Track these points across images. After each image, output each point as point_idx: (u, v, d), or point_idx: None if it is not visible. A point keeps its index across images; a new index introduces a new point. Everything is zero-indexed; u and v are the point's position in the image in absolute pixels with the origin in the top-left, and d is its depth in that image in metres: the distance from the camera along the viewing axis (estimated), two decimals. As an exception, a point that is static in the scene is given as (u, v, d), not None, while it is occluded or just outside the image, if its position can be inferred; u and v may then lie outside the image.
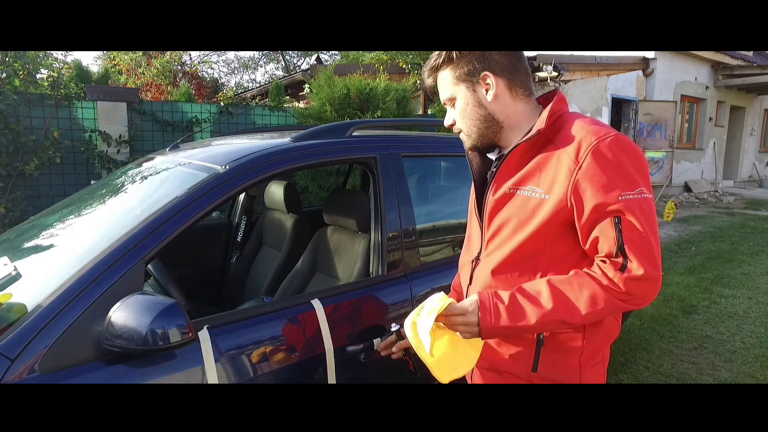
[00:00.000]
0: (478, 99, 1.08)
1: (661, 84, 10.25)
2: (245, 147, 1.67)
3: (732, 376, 2.94)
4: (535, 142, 1.03)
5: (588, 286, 0.97)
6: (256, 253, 2.77)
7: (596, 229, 0.96)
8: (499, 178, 1.08)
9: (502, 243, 1.08)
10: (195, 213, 1.37)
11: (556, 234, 1.02)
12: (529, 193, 1.03)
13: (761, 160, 14.66)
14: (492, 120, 1.08)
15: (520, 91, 1.08)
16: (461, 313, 1.02)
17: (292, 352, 1.45)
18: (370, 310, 1.65)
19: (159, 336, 1.11)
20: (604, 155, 0.95)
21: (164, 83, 8.81)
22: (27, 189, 4.34)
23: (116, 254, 1.23)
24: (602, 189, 0.94)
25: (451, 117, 1.14)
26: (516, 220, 1.04)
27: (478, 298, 1.02)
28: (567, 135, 1.00)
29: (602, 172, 0.95)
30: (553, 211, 0.99)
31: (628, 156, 0.97)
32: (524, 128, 1.09)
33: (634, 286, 0.95)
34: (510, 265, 1.07)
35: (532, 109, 1.10)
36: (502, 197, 1.07)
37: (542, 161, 1.02)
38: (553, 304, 0.97)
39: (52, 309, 1.12)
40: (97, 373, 1.14)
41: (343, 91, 4.83)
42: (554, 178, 0.99)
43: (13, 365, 1.05)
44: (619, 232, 0.94)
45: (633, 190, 0.95)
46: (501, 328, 0.99)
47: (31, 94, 4.30)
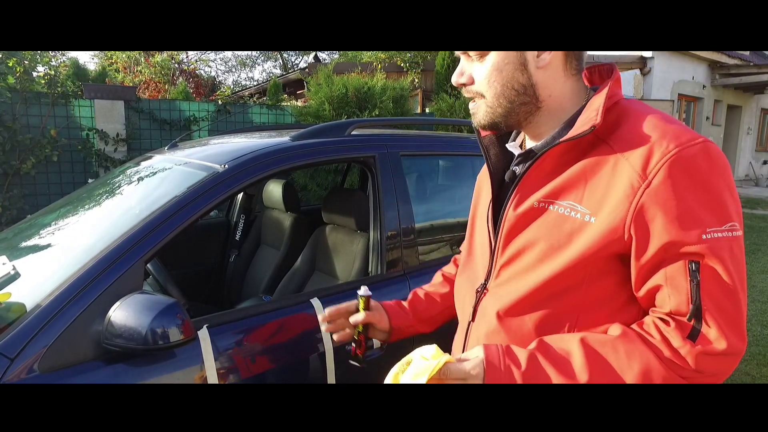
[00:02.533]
0: (525, 60, 0.78)
1: (659, 83, 10.28)
2: (244, 146, 1.67)
3: (729, 374, 2.96)
4: (582, 140, 0.75)
5: (640, 356, 0.70)
6: (254, 252, 2.77)
7: (660, 274, 0.70)
8: (525, 186, 0.80)
9: (522, 273, 0.80)
10: (194, 212, 1.37)
11: (598, 269, 0.74)
12: (567, 211, 0.75)
13: (758, 159, 14.72)
14: (532, 95, 0.79)
15: (575, 64, 0.81)
16: (461, 378, 0.73)
17: (291, 351, 1.45)
18: (369, 309, 1.65)
19: (159, 335, 1.11)
20: (687, 171, 0.68)
21: (162, 81, 8.78)
22: (24, 187, 4.33)
23: (116, 253, 1.23)
24: (679, 220, 0.67)
25: (468, 73, 0.82)
26: (544, 245, 0.77)
27: (484, 358, 0.73)
28: (630, 135, 0.73)
29: (682, 196, 0.67)
30: (600, 240, 0.72)
31: (722, 174, 0.69)
32: (565, 115, 0.81)
33: (708, 364, 0.68)
34: (529, 306, 0.79)
35: (581, 90, 0.82)
36: (528, 212, 0.79)
37: (590, 168, 0.74)
38: (589, 375, 0.70)
39: (51, 308, 1.12)
40: (96, 372, 1.14)
41: (342, 90, 4.82)
42: (606, 194, 0.72)
43: (12, 365, 1.05)
44: (696, 284, 0.67)
45: (723, 225, 0.68)
46: None
47: (27, 92, 4.28)
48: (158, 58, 8.95)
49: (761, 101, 14.09)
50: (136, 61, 9.16)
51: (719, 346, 0.67)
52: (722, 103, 12.49)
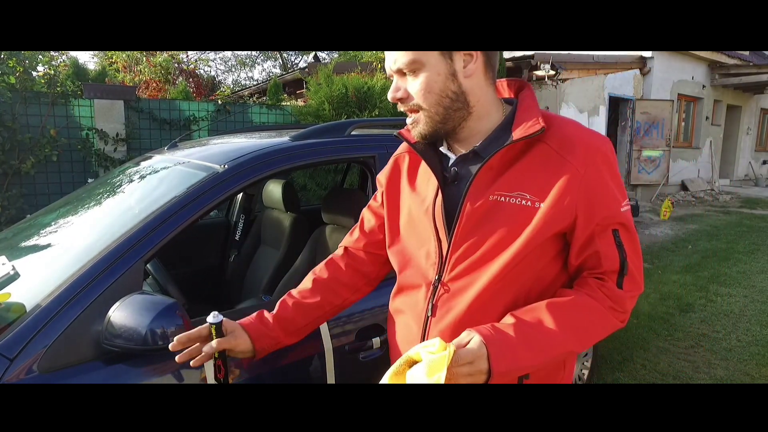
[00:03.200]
0: (454, 70, 0.87)
1: (658, 83, 10.28)
2: (244, 146, 1.67)
3: (728, 374, 2.96)
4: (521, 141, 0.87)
5: (593, 309, 0.86)
6: (254, 251, 2.76)
7: (595, 242, 0.87)
8: (478, 184, 0.89)
9: (482, 263, 0.88)
10: (194, 212, 1.37)
11: (542, 247, 0.88)
12: (518, 201, 0.87)
13: (757, 159, 14.73)
14: (464, 101, 0.88)
15: (491, 75, 0.91)
16: (468, 362, 0.78)
17: (291, 351, 1.45)
18: (369, 309, 1.65)
19: (158, 335, 1.11)
20: (607, 162, 0.88)
21: (162, 81, 8.78)
22: (23, 187, 4.33)
23: (115, 254, 1.23)
24: (608, 199, 0.87)
25: (403, 88, 0.89)
26: (501, 234, 0.87)
27: (482, 339, 0.80)
28: (562, 136, 0.88)
29: (606, 181, 0.87)
30: (548, 221, 0.85)
31: (617, 163, 0.92)
32: (492, 120, 0.92)
33: (630, 304, 0.89)
34: (494, 291, 0.88)
35: (496, 99, 0.95)
36: (482, 206, 0.88)
37: (532, 164, 0.88)
38: (563, 334, 0.83)
39: (51, 308, 1.12)
40: (96, 372, 1.14)
41: (342, 90, 4.83)
42: (549, 183, 0.86)
43: (12, 365, 1.05)
44: (621, 246, 0.87)
45: (624, 200, 0.89)
46: (515, 369, 0.81)
47: (27, 92, 4.28)
48: (159, 58, 8.94)
49: (761, 101, 14.10)
50: (136, 60, 9.16)
51: (636, 290, 0.89)
52: (722, 103, 12.50)
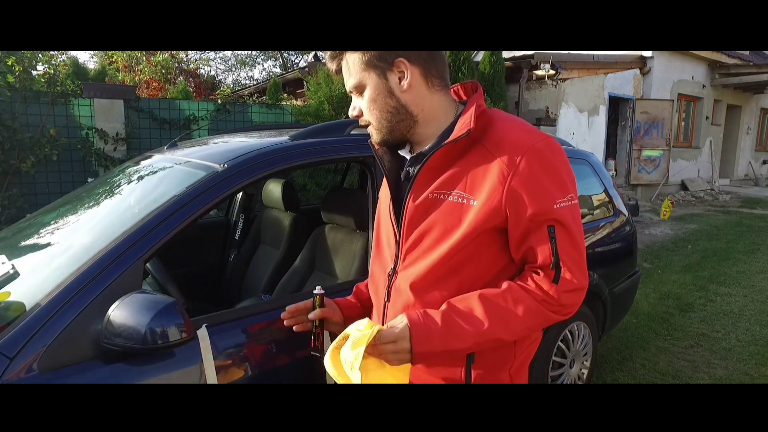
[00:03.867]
0: (390, 88, 0.96)
1: (658, 82, 10.28)
2: (243, 145, 1.67)
3: (727, 373, 2.97)
4: (460, 142, 0.94)
5: (523, 301, 0.92)
6: (254, 251, 2.76)
7: (530, 237, 0.92)
8: (419, 182, 0.97)
9: (424, 254, 0.97)
10: (193, 211, 1.37)
11: (483, 242, 0.94)
12: (455, 199, 0.94)
13: (757, 158, 14.73)
14: (405, 112, 0.97)
15: (437, 81, 0.98)
16: (392, 341, 0.89)
17: (290, 350, 1.45)
18: (369, 309, 1.65)
19: (158, 334, 1.11)
20: (540, 160, 0.91)
21: (162, 80, 8.78)
22: (23, 186, 4.33)
23: (115, 253, 1.23)
24: (539, 197, 0.90)
25: (357, 107, 1.01)
26: (440, 229, 0.95)
27: (407, 322, 0.90)
28: (497, 136, 0.94)
29: (539, 179, 0.90)
30: (482, 218, 0.91)
31: (561, 161, 0.94)
32: (441, 123, 0.99)
33: (567, 297, 0.92)
34: (435, 279, 0.96)
35: (449, 103, 1.01)
36: (424, 203, 0.97)
37: (470, 163, 0.94)
38: (489, 323, 0.90)
39: (50, 307, 1.12)
40: (95, 371, 1.14)
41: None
42: (483, 182, 0.92)
43: (11, 364, 1.05)
44: (554, 242, 0.91)
45: (565, 197, 0.92)
46: (435, 352, 0.90)
47: (27, 91, 4.28)
48: (159, 58, 8.94)
49: (761, 101, 14.09)
50: (137, 60, 9.16)
51: (573, 284, 0.92)
52: (722, 102, 12.49)
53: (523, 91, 7.79)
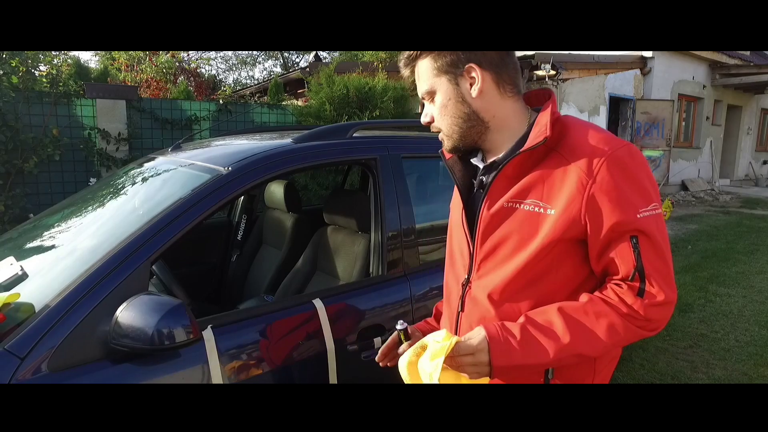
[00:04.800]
0: (462, 94, 0.96)
1: (659, 83, 10.29)
2: (247, 148, 1.69)
3: (726, 374, 2.99)
4: (536, 150, 0.92)
5: (605, 315, 0.88)
6: (256, 251, 2.79)
7: (611, 248, 0.88)
8: (494, 191, 0.96)
9: (500, 263, 0.96)
10: (199, 214, 1.39)
11: (562, 252, 0.92)
12: (532, 207, 0.92)
13: (757, 159, 14.74)
14: (476, 119, 0.97)
15: (509, 87, 0.98)
16: (470, 353, 0.88)
17: (293, 350, 1.48)
18: (371, 310, 1.68)
19: (165, 336, 1.14)
20: (620, 168, 0.88)
21: (163, 80, 8.79)
22: (26, 186, 4.35)
23: (122, 255, 1.25)
24: (620, 206, 0.86)
25: (429, 113, 1.02)
26: (517, 238, 0.94)
27: (486, 334, 0.89)
28: (574, 144, 0.91)
29: (619, 187, 0.87)
30: (561, 227, 0.89)
31: (643, 168, 0.90)
32: (514, 130, 0.99)
33: (654, 312, 0.88)
34: (512, 290, 0.95)
35: (521, 109, 1.00)
36: (499, 212, 0.96)
37: (546, 172, 0.92)
38: (571, 337, 0.87)
39: (59, 309, 1.15)
40: (104, 371, 1.16)
41: (343, 90, 4.84)
42: (561, 191, 0.90)
43: (22, 364, 1.07)
44: (637, 253, 0.87)
45: (648, 205, 0.88)
46: (515, 366, 0.88)
47: (29, 92, 4.29)
48: (162, 58, 8.95)
49: (761, 101, 14.10)
50: (139, 60, 9.17)
51: (660, 297, 0.87)
52: (722, 103, 12.50)
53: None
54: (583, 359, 0.91)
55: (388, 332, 1.66)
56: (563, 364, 0.91)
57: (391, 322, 1.69)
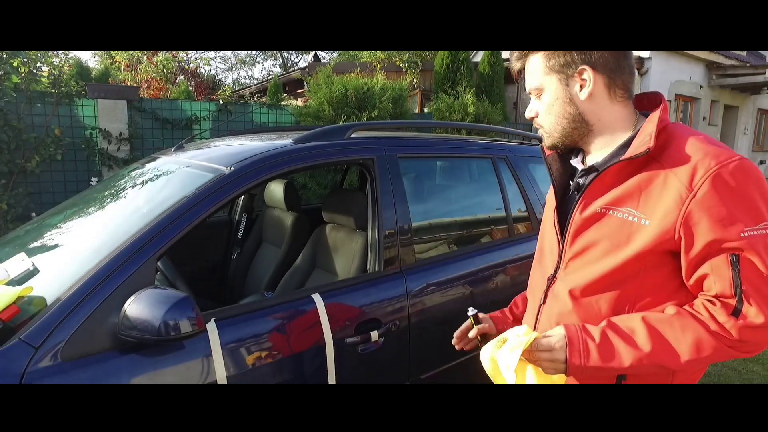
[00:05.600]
0: (570, 95, 0.96)
1: (656, 83, 10.35)
2: (248, 148, 1.75)
3: (716, 369, 3.05)
4: (637, 159, 0.91)
5: (692, 330, 0.86)
6: (256, 249, 2.84)
7: (706, 265, 0.86)
8: (589, 195, 0.96)
9: (587, 264, 0.97)
10: (202, 212, 1.45)
11: (653, 262, 0.91)
12: (626, 216, 0.91)
13: (754, 159, 14.80)
14: (581, 121, 0.98)
15: (620, 92, 0.97)
16: (548, 350, 0.91)
17: (293, 343, 1.53)
18: (368, 305, 1.73)
19: (171, 327, 1.19)
20: (726, 183, 0.84)
21: (163, 80, 8.84)
22: (29, 186, 4.40)
23: (130, 251, 1.31)
24: (721, 223, 0.83)
25: (534, 109, 1.03)
26: (607, 244, 0.93)
27: (565, 333, 0.92)
28: (678, 155, 0.88)
29: (722, 203, 0.83)
30: (654, 240, 0.88)
31: (755, 184, 0.85)
32: (617, 135, 0.98)
33: (749, 335, 0.84)
34: (593, 290, 0.95)
35: (629, 114, 0.99)
36: (591, 216, 0.96)
37: (644, 181, 0.90)
38: (652, 347, 0.87)
39: (71, 301, 1.20)
40: (113, 361, 1.22)
41: (341, 91, 4.90)
42: (659, 202, 0.88)
43: (36, 353, 1.13)
44: (736, 272, 0.83)
45: (758, 224, 0.84)
46: (590, 368, 0.89)
47: (31, 92, 4.35)
48: (161, 57, 9.01)
49: (758, 101, 14.17)
50: (138, 59, 9.22)
51: (758, 320, 0.83)
52: (719, 103, 12.57)
53: (522, 92, 7.86)
54: (665, 371, 0.90)
55: (385, 326, 1.72)
56: (642, 372, 0.91)
57: (388, 317, 1.75)
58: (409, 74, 8.25)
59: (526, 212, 2.40)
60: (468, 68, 6.69)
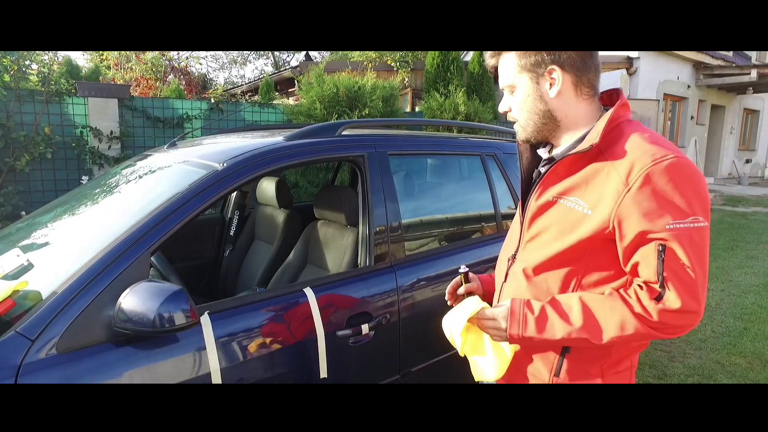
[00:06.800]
0: (540, 93, 1.04)
1: (645, 83, 10.48)
2: (241, 146, 1.77)
3: (700, 362, 3.12)
4: (586, 152, 0.99)
5: (619, 310, 0.95)
6: (248, 246, 2.87)
7: (638, 253, 0.94)
8: (544, 184, 1.07)
9: (540, 247, 1.07)
10: (195, 207, 1.47)
11: (595, 247, 1.00)
12: (573, 205, 1.01)
13: (740, 157, 15.02)
14: (551, 117, 1.05)
15: (586, 90, 1.04)
16: (492, 318, 1.06)
17: (286, 336, 1.56)
18: (359, 299, 1.77)
19: (166, 319, 1.21)
20: (658, 180, 0.91)
21: (153, 78, 8.80)
22: (18, 184, 4.38)
23: (124, 245, 1.33)
24: (649, 216, 0.91)
25: (507, 104, 1.11)
26: (556, 229, 1.03)
27: (509, 306, 1.04)
28: (621, 151, 0.96)
29: (652, 198, 0.91)
30: (594, 229, 0.97)
31: (687, 181, 0.92)
32: (581, 130, 1.06)
33: (668, 317, 0.93)
34: (545, 269, 1.06)
35: (594, 111, 1.07)
36: (544, 204, 1.06)
37: (591, 174, 0.99)
38: (582, 323, 0.97)
39: (67, 295, 1.22)
40: (108, 353, 1.24)
41: (333, 90, 4.92)
42: (600, 194, 0.97)
43: (33, 345, 1.15)
44: (661, 260, 0.91)
45: (685, 218, 0.91)
46: (527, 338, 1.01)
47: (21, 90, 4.32)
48: (149, 56, 8.96)
49: (744, 101, 14.39)
50: (126, 57, 9.16)
51: (675, 305, 0.92)
52: (706, 102, 12.75)
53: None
54: (590, 345, 0.99)
55: (376, 319, 1.75)
56: (572, 345, 1.03)
57: (378, 311, 1.78)
58: (401, 73, 8.28)
59: (514, 208, 2.44)
60: (458, 67, 6.74)
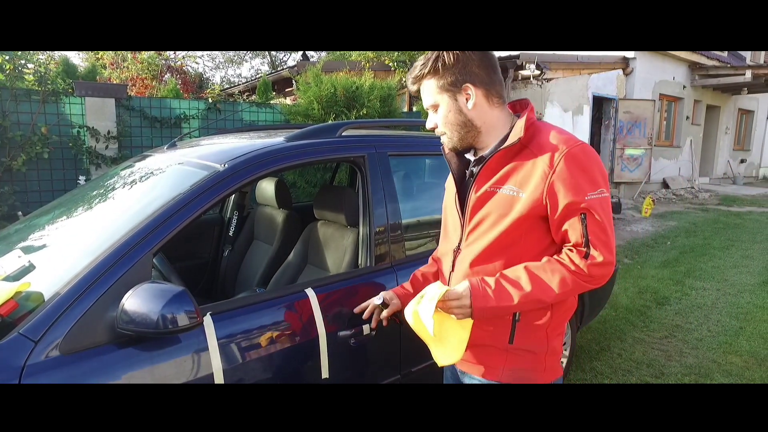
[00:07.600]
0: (459, 107, 1.23)
1: (641, 83, 10.52)
2: (241, 146, 1.77)
3: (697, 361, 3.14)
4: (513, 147, 1.19)
5: (559, 271, 1.16)
6: (247, 247, 2.86)
7: (566, 223, 1.15)
8: (481, 179, 1.24)
9: (482, 234, 1.23)
10: (197, 209, 1.47)
11: (529, 226, 1.19)
12: (508, 192, 1.19)
13: (735, 157, 15.11)
14: (471, 125, 1.24)
15: (496, 99, 1.24)
16: (456, 298, 1.18)
17: (287, 336, 1.56)
18: (360, 299, 1.77)
19: (169, 320, 1.21)
20: (574, 161, 1.14)
21: (149, 78, 8.76)
22: (15, 184, 4.35)
23: (127, 246, 1.33)
24: (573, 190, 1.12)
25: (433, 121, 1.29)
26: (495, 215, 1.21)
27: (469, 284, 1.19)
28: (541, 142, 1.18)
29: (572, 176, 1.13)
30: (527, 207, 1.16)
31: (593, 161, 1.16)
32: (499, 132, 1.25)
33: (595, 270, 1.14)
34: (490, 253, 1.23)
35: (506, 116, 1.27)
36: (483, 195, 1.23)
37: (519, 164, 1.19)
38: (532, 287, 1.15)
39: (69, 296, 1.22)
40: (111, 355, 1.24)
41: (330, 90, 4.92)
42: (529, 178, 1.16)
43: (36, 347, 1.15)
44: (584, 226, 1.14)
45: (596, 190, 1.14)
46: (490, 308, 1.16)
47: (17, 89, 4.30)
48: (145, 55, 8.92)
49: (738, 102, 14.46)
50: (122, 57, 9.12)
51: (599, 259, 1.13)
52: (701, 103, 12.81)
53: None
54: (543, 304, 1.18)
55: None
56: (527, 308, 1.19)
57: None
58: (398, 73, 8.28)
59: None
60: (456, 67, 6.72)
